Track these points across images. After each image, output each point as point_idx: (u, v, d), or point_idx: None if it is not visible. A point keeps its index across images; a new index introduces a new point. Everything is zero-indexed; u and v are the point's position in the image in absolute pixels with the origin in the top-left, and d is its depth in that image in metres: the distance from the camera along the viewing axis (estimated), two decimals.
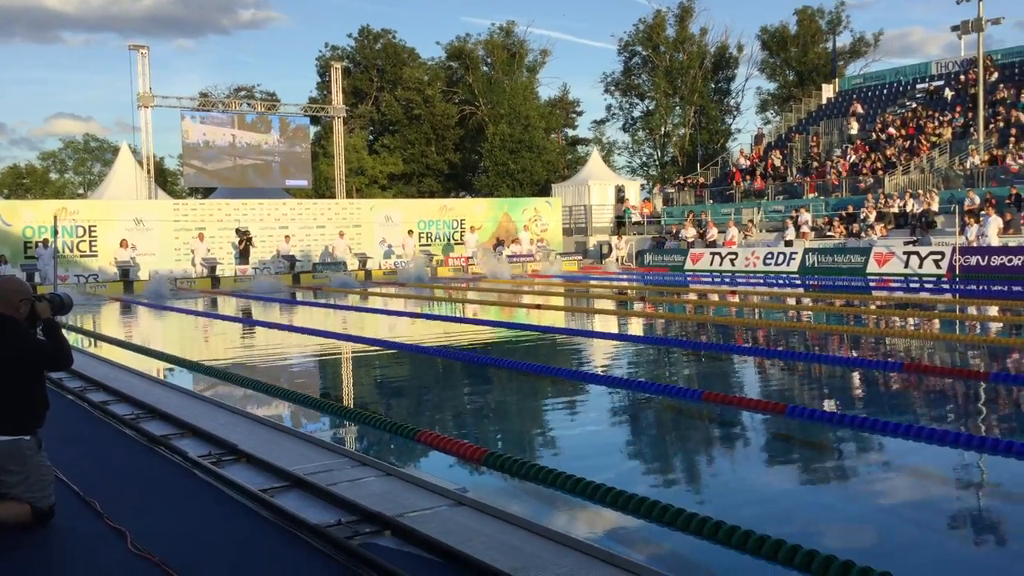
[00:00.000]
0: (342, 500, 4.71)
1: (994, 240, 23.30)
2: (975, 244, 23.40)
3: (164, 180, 54.22)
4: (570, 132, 65.62)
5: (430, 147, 57.94)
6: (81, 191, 70.30)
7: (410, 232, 31.89)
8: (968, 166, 28.49)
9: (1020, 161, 26.91)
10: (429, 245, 33.20)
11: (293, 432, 6.52)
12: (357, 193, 51.54)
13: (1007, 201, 25.04)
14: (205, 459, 5.71)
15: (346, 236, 30.92)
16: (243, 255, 29.17)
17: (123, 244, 27.01)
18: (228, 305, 21.24)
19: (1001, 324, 13.33)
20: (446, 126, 57.73)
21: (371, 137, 59.83)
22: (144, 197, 33.58)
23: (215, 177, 36.80)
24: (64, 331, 4.81)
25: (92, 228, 27.67)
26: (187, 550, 4.14)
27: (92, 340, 14.18)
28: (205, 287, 26.63)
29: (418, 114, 56.94)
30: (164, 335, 16.13)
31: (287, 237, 30.23)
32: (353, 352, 12.50)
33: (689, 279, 26.72)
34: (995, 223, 23.59)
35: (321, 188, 49.57)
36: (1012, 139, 28.46)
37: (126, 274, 26.58)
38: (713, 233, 31.02)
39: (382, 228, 32.43)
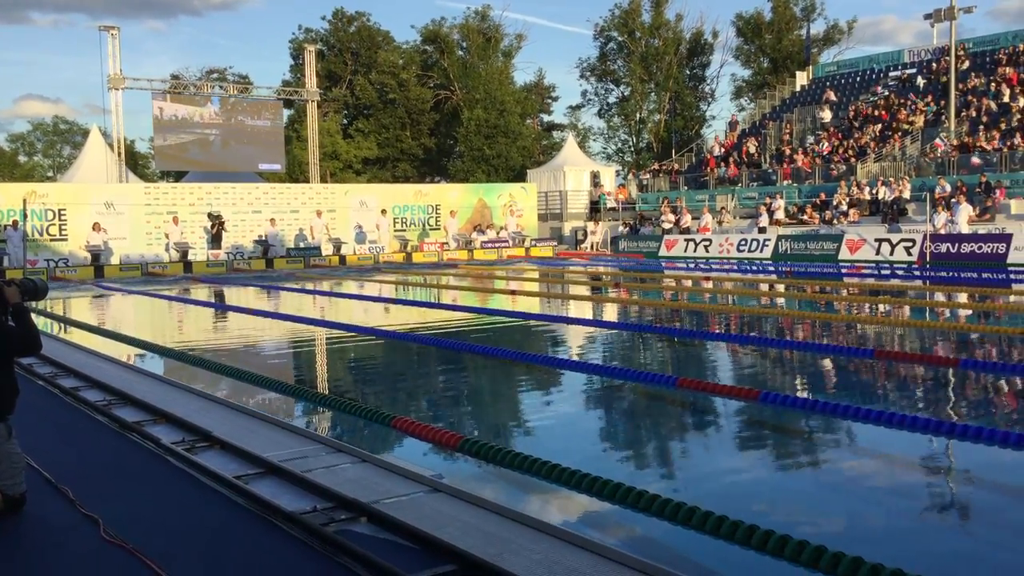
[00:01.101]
0: (317, 487, 4.70)
1: (964, 227, 23.57)
2: (945, 231, 23.66)
3: (135, 163, 53.56)
4: (545, 118, 65.59)
5: (405, 132, 57.66)
6: (51, 174, 69.27)
7: (384, 212, 31.76)
8: (939, 154, 28.77)
9: (991, 145, 27.19)
10: (404, 231, 33.09)
11: (268, 418, 6.49)
12: (331, 178, 51.22)
13: (977, 189, 25.32)
14: (178, 446, 5.67)
15: (324, 216, 30.75)
16: (215, 239, 28.93)
17: (96, 227, 26.70)
18: (203, 290, 21.08)
19: (971, 310, 13.50)
20: (421, 111, 57.47)
21: (345, 121, 59.44)
22: (115, 180, 33.16)
23: (187, 160, 36.40)
24: (33, 316, 4.74)
25: (62, 212, 27.31)
26: (161, 537, 4.12)
27: (62, 326, 14.02)
28: (177, 272, 26.42)
29: (393, 98, 56.62)
30: (136, 320, 15.98)
31: (272, 220, 29.99)
32: (328, 338, 12.45)
33: (664, 265, 26.84)
34: (965, 210, 23.86)
35: (295, 172, 49.22)
36: (983, 127, 28.76)
37: (97, 258, 26.30)
38: (687, 219, 31.15)
39: (357, 213, 32.28)
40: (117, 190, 29.76)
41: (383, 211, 31.84)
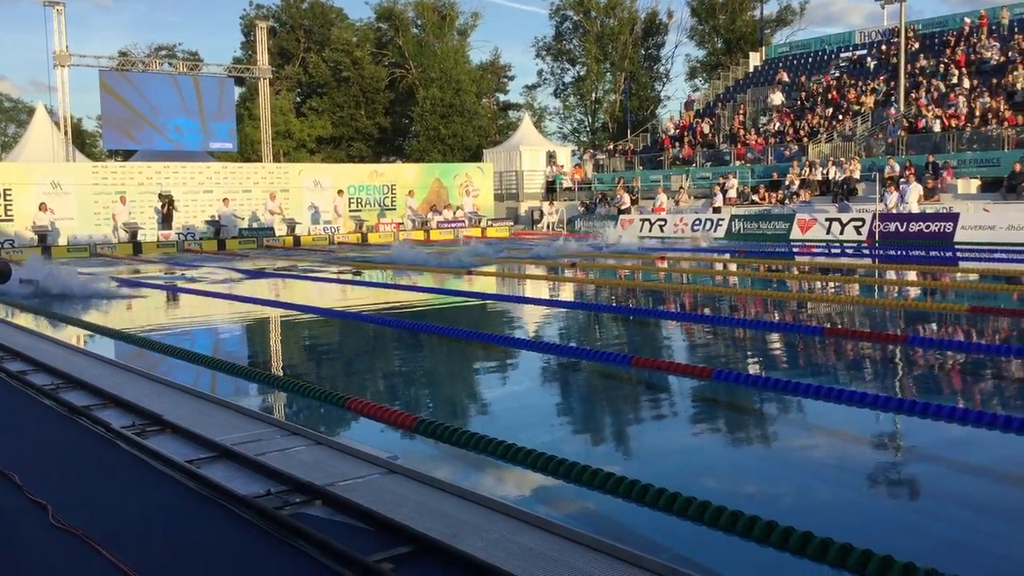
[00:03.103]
0: (271, 470, 4.66)
1: (914, 207, 24.00)
2: (895, 211, 24.07)
3: (82, 142, 52.36)
4: (501, 97, 65.34)
5: (359, 110, 57.09)
6: None
7: (340, 192, 31.50)
8: (888, 134, 29.21)
9: (939, 126, 27.68)
10: (360, 211, 32.84)
11: (220, 402, 6.42)
12: (284, 157, 50.61)
13: (926, 169, 25.77)
14: (128, 430, 5.59)
15: (277, 198, 30.40)
16: (166, 220, 28.46)
17: (42, 208, 26.11)
18: (154, 269, 20.73)
19: (918, 289, 13.77)
20: (376, 89, 56.91)
21: (298, 99, 58.69)
22: (61, 159, 32.44)
23: (135, 139, 35.70)
24: None
25: (7, 192, 26.67)
26: (111, 523, 4.06)
27: (8, 310, 13.71)
28: (126, 253, 25.95)
29: (347, 76, 55.99)
30: (85, 303, 15.66)
31: (225, 200, 29.54)
32: (282, 318, 12.33)
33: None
34: (915, 190, 24.28)
35: (247, 151, 48.53)
36: (930, 106, 29.22)
37: (44, 239, 25.74)
38: (626, 200, 31.46)
39: (311, 193, 31.96)
40: (64, 169, 29.10)
41: (339, 191, 31.56)
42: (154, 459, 5.00)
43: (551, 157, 40.05)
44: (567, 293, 14.87)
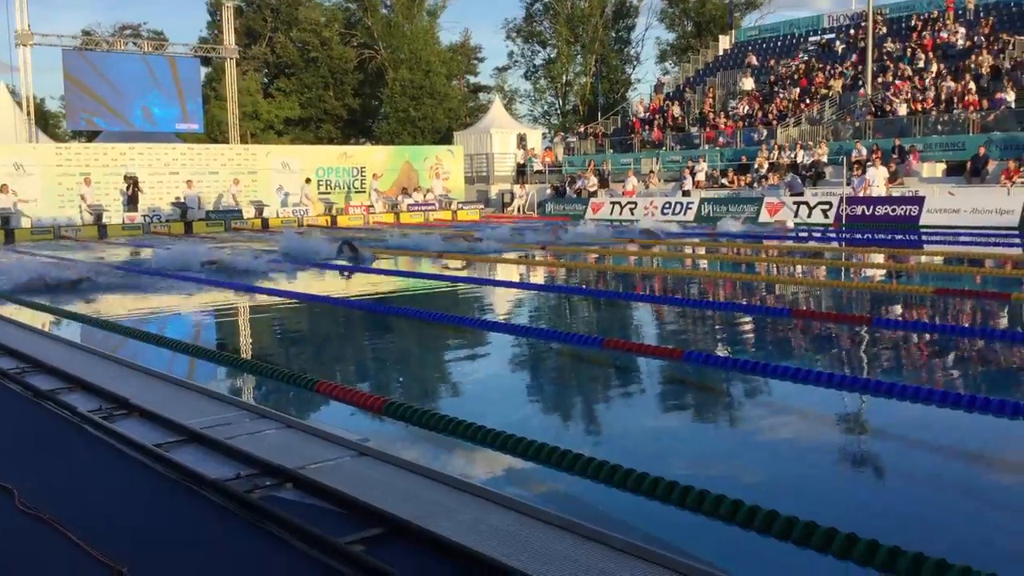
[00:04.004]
0: (241, 453, 4.64)
1: (882, 190, 24.26)
2: (862, 194, 24.32)
3: (46, 123, 51.45)
4: (472, 79, 65.09)
5: (328, 92, 56.59)
6: None
7: (308, 180, 31.24)
8: (855, 118, 29.46)
9: (905, 110, 27.95)
10: (329, 193, 32.60)
11: (189, 385, 6.36)
12: (252, 138, 50.08)
13: (892, 153, 26.04)
14: (95, 414, 5.53)
15: (240, 183, 30.10)
16: (132, 201, 28.09)
17: (4, 190, 25.66)
18: (122, 252, 20.47)
19: (884, 271, 13.95)
20: (344, 70, 56.43)
21: (266, 80, 58.06)
22: (24, 140, 31.85)
23: (100, 120, 35.13)
24: None
25: None
26: (78, 507, 4.02)
27: None
28: (92, 236, 25.60)
29: (315, 57, 55.45)
30: (51, 286, 15.43)
31: (189, 182, 29.19)
32: (251, 302, 12.24)
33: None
34: (881, 174, 24.54)
35: (213, 133, 47.97)
36: (895, 89, 29.49)
37: (7, 222, 25.32)
38: (592, 182, 31.53)
39: (279, 175, 31.66)
40: (27, 151, 28.58)
41: (307, 180, 31.26)
42: (121, 443, 4.96)
43: (522, 140, 39.99)
44: (538, 276, 14.89)
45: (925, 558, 3.04)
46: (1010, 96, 26.04)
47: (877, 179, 24.38)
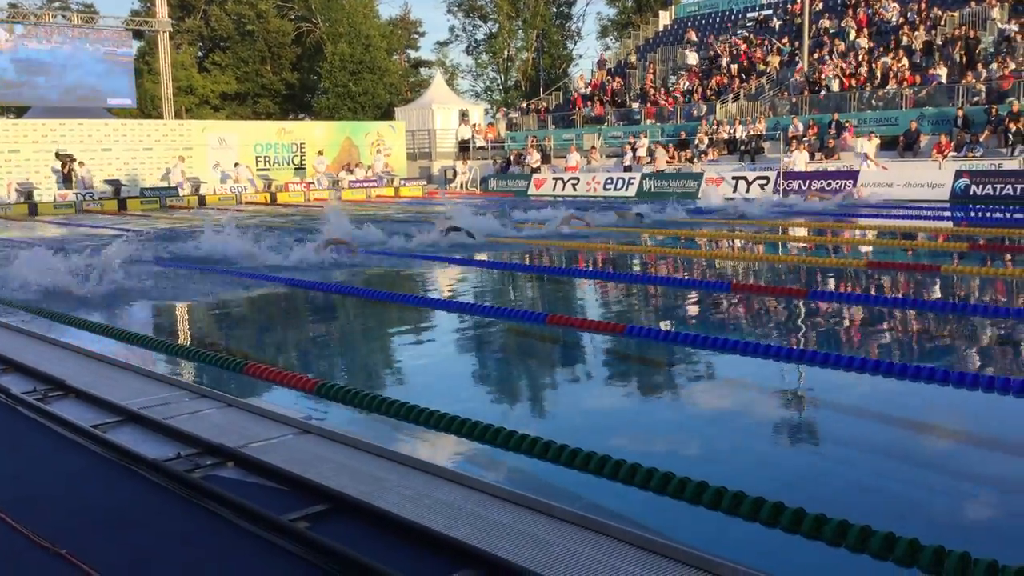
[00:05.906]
0: (181, 433, 4.58)
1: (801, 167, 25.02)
2: (803, 169, 24.82)
3: None
4: (412, 54, 64.45)
5: (265, 66, 55.57)
6: None
7: (236, 165, 30.65)
8: (792, 93, 29.89)
9: (836, 80, 28.45)
10: (268, 170, 32.11)
11: (127, 366, 6.24)
12: (187, 113, 49.01)
13: (828, 128, 26.51)
14: (30, 395, 5.40)
15: (185, 161, 29.52)
16: (67, 180, 27.34)
17: None
18: (52, 231, 19.93)
19: (818, 243, 14.23)
20: (282, 44, 55.43)
21: (200, 54, 56.79)
22: None
23: (28, 95, 34.03)
24: None
25: None
26: (15, 490, 3.94)
27: None
28: (21, 214, 24.89)
29: (251, 30, 54.35)
30: None
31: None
32: (195, 282, 12.03)
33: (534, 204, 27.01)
34: (802, 158, 25.30)
35: (147, 108, 46.81)
36: (830, 63, 29.97)
37: None
38: (534, 159, 31.81)
39: (216, 151, 31.06)
40: None
41: (236, 164, 30.65)
42: (58, 425, 4.86)
43: (464, 115, 39.77)
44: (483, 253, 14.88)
45: (873, 531, 3.11)
46: (942, 72, 26.64)
47: (798, 162, 25.09)
